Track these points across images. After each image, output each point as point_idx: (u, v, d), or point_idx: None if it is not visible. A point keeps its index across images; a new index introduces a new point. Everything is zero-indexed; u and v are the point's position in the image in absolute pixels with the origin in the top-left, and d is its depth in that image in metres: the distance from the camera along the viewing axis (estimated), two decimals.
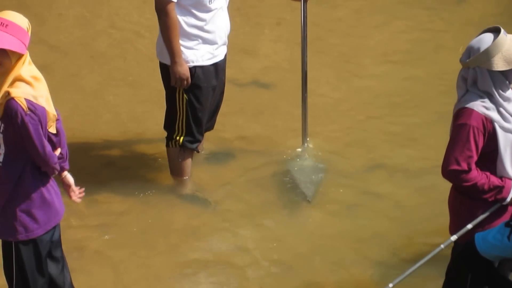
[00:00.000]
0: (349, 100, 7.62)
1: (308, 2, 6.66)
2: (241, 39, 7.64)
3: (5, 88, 4.85)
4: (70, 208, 5.34)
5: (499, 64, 4.89)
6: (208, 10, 6.34)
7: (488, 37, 4.91)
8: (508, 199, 4.98)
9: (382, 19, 8.46)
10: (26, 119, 4.81)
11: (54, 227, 5.14)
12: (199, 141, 6.66)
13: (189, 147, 6.62)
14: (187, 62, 6.36)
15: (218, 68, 6.52)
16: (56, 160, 4.98)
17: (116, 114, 7.50)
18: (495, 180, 4.96)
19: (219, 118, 6.84)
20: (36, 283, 5.15)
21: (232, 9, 6.64)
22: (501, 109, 4.94)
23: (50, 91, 5.04)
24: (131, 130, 7.30)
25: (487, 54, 4.88)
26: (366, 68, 8.01)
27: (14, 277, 5.14)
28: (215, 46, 6.44)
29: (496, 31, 4.92)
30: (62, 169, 5.17)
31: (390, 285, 4.99)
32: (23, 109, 4.80)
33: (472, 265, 4.44)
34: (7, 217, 5.05)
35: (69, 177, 5.23)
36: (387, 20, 8.49)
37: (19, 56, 4.83)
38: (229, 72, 6.75)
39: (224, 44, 6.52)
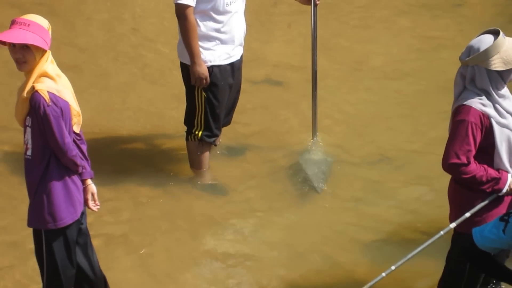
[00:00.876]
0: (357, 98, 7.60)
1: (318, 6, 6.65)
2: (256, 40, 7.70)
3: (30, 83, 4.86)
4: (100, 199, 5.30)
5: (496, 64, 4.87)
6: (225, 13, 6.33)
7: (488, 38, 4.89)
8: (504, 190, 4.97)
9: (385, 22, 8.48)
10: (48, 110, 4.81)
11: (81, 217, 5.12)
12: (216, 135, 6.65)
13: (207, 141, 6.60)
14: (205, 61, 6.35)
15: (234, 68, 6.51)
16: (74, 153, 4.94)
17: (139, 110, 7.50)
18: (492, 172, 4.95)
19: (235, 114, 6.83)
20: (65, 269, 5.14)
21: (248, 13, 6.62)
22: (497, 106, 4.92)
23: (79, 90, 5.08)
24: (153, 124, 7.30)
25: (486, 54, 4.86)
26: (372, 67, 7.99)
27: (45, 264, 5.13)
28: (232, 46, 6.43)
29: (495, 33, 4.90)
30: (85, 176, 5.13)
31: (393, 267, 4.97)
32: (45, 101, 4.80)
33: (472, 257, 4.40)
34: (36, 207, 5.04)
35: (92, 186, 5.18)
36: (390, 23, 8.51)
37: (42, 53, 4.84)
38: (244, 71, 6.73)
39: (240, 45, 6.50)
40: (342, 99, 7.56)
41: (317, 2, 6.64)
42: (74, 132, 5.04)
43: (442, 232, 5.01)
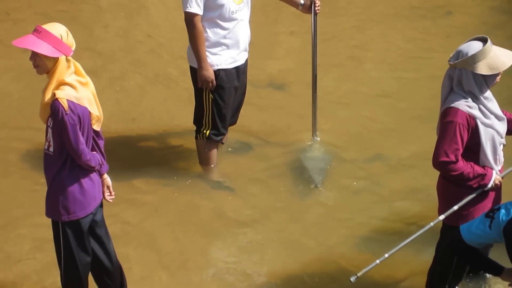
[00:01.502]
0: (353, 100, 7.57)
1: (317, 14, 6.65)
2: (260, 46, 7.68)
3: (51, 89, 4.88)
4: (114, 192, 5.32)
5: (483, 69, 4.88)
6: (230, 21, 6.32)
7: (476, 44, 4.91)
8: (490, 185, 4.98)
9: (378, 30, 8.47)
10: (66, 117, 4.83)
11: (95, 210, 5.13)
12: (223, 134, 6.64)
13: (214, 140, 6.60)
14: (212, 65, 6.34)
15: (239, 71, 6.50)
16: (88, 157, 4.96)
17: (153, 110, 7.49)
18: (478, 169, 4.96)
19: (241, 114, 6.82)
20: (80, 256, 5.16)
21: (253, 20, 6.62)
22: (482, 107, 4.94)
23: (97, 91, 5.09)
24: (165, 124, 7.28)
25: (474, 59, 4.87)
26: (367, 71, 7.96)
27: (62, 251, 5.16)
28: (237, 51, 6.42)
29: (484, 40, 4.92)
30: (102, 171, 5.16)
31: (386, 255, 4.99)
32: (64, 109, 4.82)
33: (459, 252, 4.44)
34: (51, 199, 5.08)
35: (108, 179, 5.22)
36: (383, 31, 8.47)
37: (55, 59, 4.84)
38: (248, 75, 6.73)
39: (245, 50, 6.50)
40: (340, 101, 7.54)
41: (317, 11, 6.63)
42: (94, 130, 5.06)
43: (432, 224, 5.03)
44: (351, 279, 4.91)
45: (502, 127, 5.03)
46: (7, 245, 6.04)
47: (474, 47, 4.89)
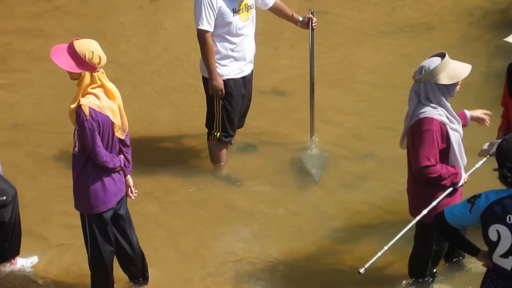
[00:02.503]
0: (347, 104, 7.56)
1: (314, 29, 6.67)
2: (264, 58, 7.66)
3: (77, 98, 4.92)
4: (138, 187, 5.33)
5: (444, 79, 4.91)
6: (237, 36, 6.33)
7: (436, 59, 4.95)
8: (461, 183, 5.02)
9: (367, 44, 8.42)
10: (85, 123, 4.85)
11: (118, 204, 5.14)
12: (232, 136, 6.65)
13: (224, 141, 6.61)
14: (222, 75, 6.35)
15: (246, 80, 6.52)
16: (104, 159, 4.95)
17: (170, 115, 7.48)
18: (451, 169, 4.99)
19: (247, 118, 6.83)
20: (104, 245, 5.19)
21: (258, 35, 6.65)
22: (447, 114, 4.98)
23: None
24: (181, 127, 7.28)
25: (436, 71, 4.90)
26: (359, 80, 7.94)
27: (88, 240, 5.20)
28: (244, 63, 6.43)
29: (442, 56, 4.96)
30: (125, 173, 5.18)
31: (385, 247, 4.97)
32: (85, 115, 4.85)
33: (443, 231, 4.44)
34: (77, 195, 5.12)
35: (130, 181, 5.25)
36: (371, 45, 8.43)
37: (80, 73, 4.86)
38: (254, 83, 6.74)
39: (250, 62, 6.51)
40: (336, 105, 7.52)
41: (314, 27, 6.64)
42: (119, 138, 5.06)
43: (418, 218, 5.04)
44: (360, 271, 4.87)
45: (461, 128, 5.08)
46: (45, 232, 6.07)
47: (434, 61, 4.93)
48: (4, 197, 5.39)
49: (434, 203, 4.98)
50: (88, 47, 4.87)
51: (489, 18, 7.13)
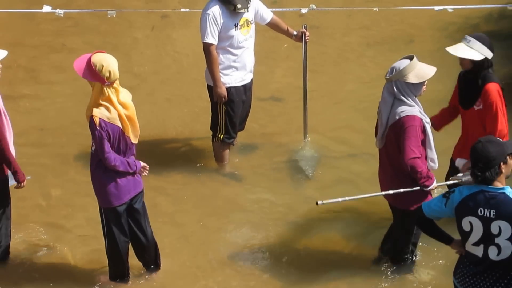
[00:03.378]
0: (337, 109, 7.54)
1: (307, 42, 6.67)
2: (262, 68, 7.65)
3: (90, 106, 4.92)
4: (149, 184, 5.34)
5: (412, 78, 4.93)
6: (239, 48, 6.34)
7: (405, 61, 4.99)
8: (429, 188, 5.00)
9: (354, 55, 8.36)
10: (96, 132, 4.87)
11: (132, 200, 5.12)
12: (234, 138, 6.67)
13: (227, 142, 6.63)
14: (225, 84, 6.37)
15: (246, 88, 6.54)
16: (113, 164, 4.94)
17: (178, 120, 7.46)
18: (430, 173, 5.00)
19: (247, 122, 6.84)
20: (119, 236, 5.20)
21: (257, 47, 6.66)
22: (421, 110, 5.00)
23: (134, 105, 5.05)
24: (188, 130, 7.27)
25: (405, 71, 4.92)
26: (347, 88, 7.91)
27: (105, 231, 5.21)
28: (244, 72, 6.46)
29: (411, 58, 5.00)
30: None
31: (347, 198, 5.06)
32: (95, 124, 4.85)
33: (420, 222, 4.45)
34: (94, 190, 5.12)
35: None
36: (357, 56, 8.37)
37: (92, 82, 4.83)
38: (254, 91, 6.75)
39: (250, 72, 6.53)
40: (327, 110, 7.50)
41: (307, 40, 6.65)
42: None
43: (384, 193, 5.12)
44: (318, 202, 4.90)
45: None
46: (68, 224, 6.09)
47: (404, 62, 4.97)
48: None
49: (402, 190, 4.99)
50: (102, 60, 4.83)
51: (462, 32, 7.12)
